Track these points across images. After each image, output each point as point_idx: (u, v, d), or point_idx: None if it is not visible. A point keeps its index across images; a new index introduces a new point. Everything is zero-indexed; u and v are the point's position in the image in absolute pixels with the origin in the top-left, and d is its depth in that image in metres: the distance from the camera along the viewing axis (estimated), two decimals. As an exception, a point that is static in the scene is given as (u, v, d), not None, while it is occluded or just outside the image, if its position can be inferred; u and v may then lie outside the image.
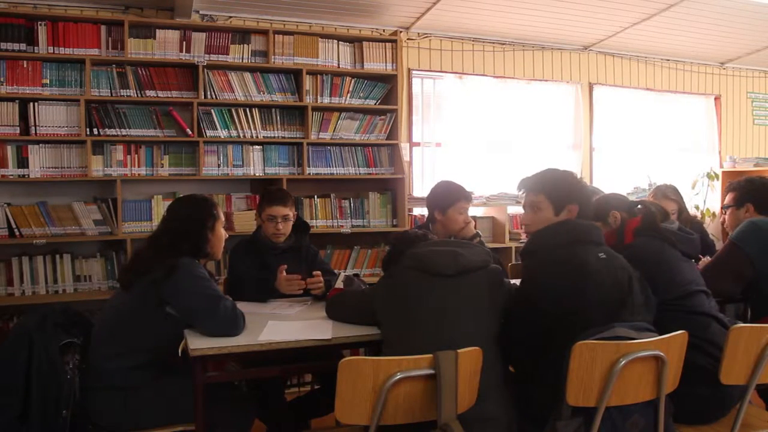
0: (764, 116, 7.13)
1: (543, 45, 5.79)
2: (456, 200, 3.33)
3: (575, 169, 5.98)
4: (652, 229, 2.55)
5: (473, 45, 5.51)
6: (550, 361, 1.97)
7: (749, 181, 3.26)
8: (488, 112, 5.59)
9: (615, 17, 5.26)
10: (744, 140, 6.91)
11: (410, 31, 5.21)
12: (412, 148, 5.21)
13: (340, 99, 4.61)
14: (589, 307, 2.06)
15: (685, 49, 6.25)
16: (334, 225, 4.54)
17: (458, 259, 2.20)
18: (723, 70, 6.80)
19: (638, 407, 1.98)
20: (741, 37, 5.96)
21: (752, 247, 2.88)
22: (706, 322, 2.40)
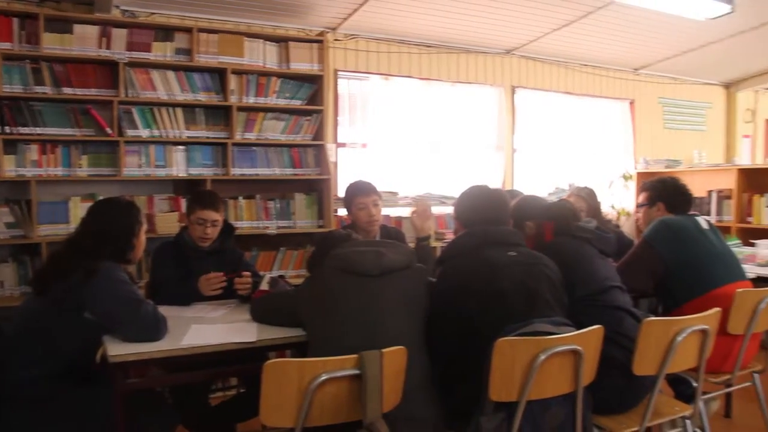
0: (674, 120, 7.50)
1: (467, 48, 5.90)
2: (354, 197, 3.42)
3: (498, 169, 6.13)
4: (567, 230, 2.65)
5: (399, 47, 5.57)
6: (473, 359, 2.02)
7: (660, 182, 3.41)
8: (414, 113, 5.67)
9: (536, 23, 5.42)
10: (656, 143, 7.24)
11: (337, 32, 5.21)
12: (338, 148, 5.21)
13: (265, 99, 4.56)
14: (498, 298, 2.15)
15: (602, 55, 6.51)
16: (260, 226, 4.50)
17: (382, 259, 2.22)
18: (637, 76, 7.12)
19: (557, 400, 2.05)
20: (653, 45, 6.25)
21: (663, 245, 3.02)
22: (620, 317, 2.50)
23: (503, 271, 2.21)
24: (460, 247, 2.36)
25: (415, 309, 2.24)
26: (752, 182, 5.65)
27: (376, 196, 3.52)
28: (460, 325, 2.18)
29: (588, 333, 2.03)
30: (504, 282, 2.19)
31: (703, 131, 7.84)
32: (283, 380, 1.79)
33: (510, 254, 2.28)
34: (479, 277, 2.20)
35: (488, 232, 2.37)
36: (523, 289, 2.20)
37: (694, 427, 2.64)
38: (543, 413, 2.02)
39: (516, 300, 2.17)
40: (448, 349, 2.22)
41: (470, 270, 2.24)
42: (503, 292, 2.17)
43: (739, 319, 2.81)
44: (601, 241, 2.68)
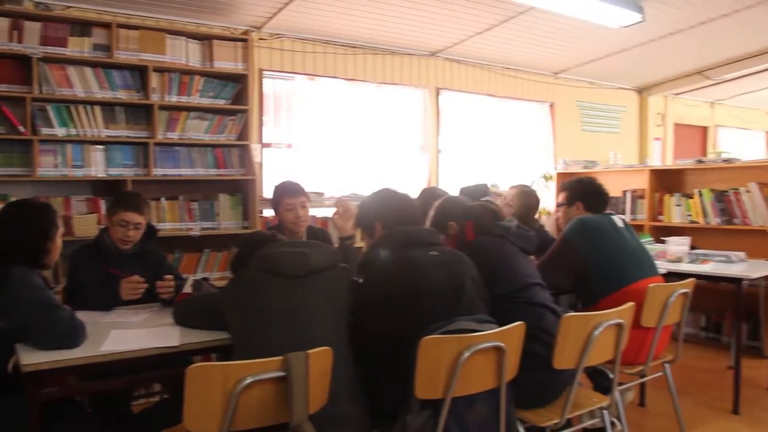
0: (591, 123, 7.79)
1: (393, 50, 5.95)
2: (281, 198, 3.41)
3: (423, 170, 6.21)
4: (488, 229, 2.71)
5: (325, 47, 5.56)
6: (399, 358, 2.04)
7: (579, 182, 3.53)
8: (340, 113, 5.67)
9: (460, 26, 5.53)
10: (574, 144, 7.50)
11: (262, 31, 5.16)
12: (263, 149, 5.16)
13: (188, 98, 4.46)
14: (424, 300, 2.18)
15: (523, 59, 6.69)
16: (183, 228, 4.40)
17: (307, 260, 2.21)
18: (556, 79, 7.35)
19: (481, 396, 2.09)
20: (571, 50, 6.48)
21: (581, 243, 3.13)
22: (541, 313, 2.57)
23: (428, 272, 2.23)
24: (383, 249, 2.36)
25: (340, 309, 2.24)
26: (663, 182, 5.92)
27: (304, 197, 3.50)
28: (386, 325, 2.20)
29: (510, 329, 2.09)
30: (429, 282, 2.21)
31: (618, 134, 8.18)
32: (207, 385, 1.75)
33: (432, 254, 2.30)
34: (405, 279, 2.22)
35: (410, 233, 2.39)
36: (448, 288, 2.24)
37: (611, 417, 2.76)
38: (468, 409, 2.06)
39: (441, 300, 2.20)
40: (374, 349, 2.24)
41: (396, 271, 2.25)
42: (429, 292, 2.20)
43: (651, 313, 2.95)
44: (522, 239, 2.75)
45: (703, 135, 9.64)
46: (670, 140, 8.89)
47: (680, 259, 4.25)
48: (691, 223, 5.55)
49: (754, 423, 3.67)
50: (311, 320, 2.13)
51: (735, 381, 3.80)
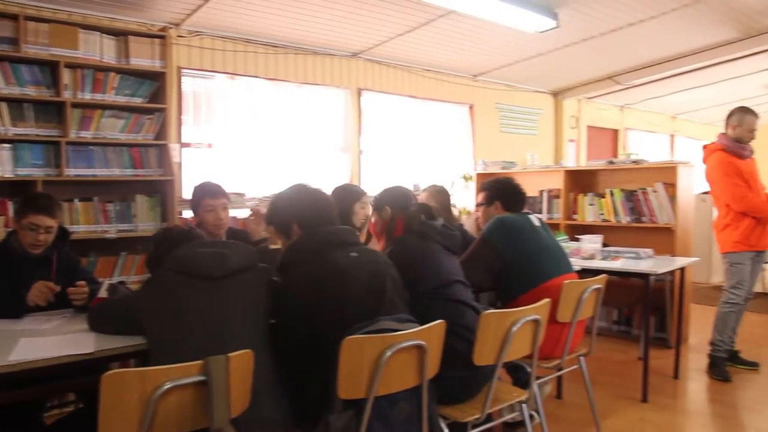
0: (509, 125, 8.00)
1: (315, 50, 5.93)
2: (202, 199, 3.35)
3: (345, 170, 6.22)
4: (416, 226, 2.75)
5: (246, 46, 5.48)
6: (321, 359, 2.04)
7: (497, 182, 3.61)
8: (261, 113, 5.61)
9: (381, 28, 5.56)
10: (493, 145, 7.68)
11: (180, 28, 5.04)
12: (182, 148, 5.04)
13: (103, 95, 4.30)
14: (348, 302, 2.18)
15: (443, 61, 6.80)
16: (98, 230, 4.24)
17: (224, 261, 2.15)
18: (475, 82, 7.51)
19: (404, 394, 2.11)
20: (489, 53, 6.64)
21: (499, 241, 3.21)
22: (462, 310, 2.63)
23: (350, 274, 2.23)
24: (303, 252, 2.32)
25: (260, 310, 2.20)
26: (577, 183, 6.14)
27: (225, 199, 3.45)
28: (309, 327, 2.18)
29: (431, 328, 2.12)
30: (352, 285, 2.21)
31: (535, 135, 8.44)
32: (123, 392, 1.69)
33: (352, 255, 2.30)
34: (327, 281, 2.20)
35: (329, 234, 2.36)
36: (370, 289, 2.24)
37: (530, 410, 2.84)
38: (391, 408, 2.08)
39: (364, 301, 2.21)
40: (297, 351, 2.23)
41: (317, 274, 2.23)
42: (352, 295, 2.20)
43: (566, 308, 3.06)
44: (447, 238, 2.80)
45: (614, 137, 10.09)
46: (583, 142, 9.25)
47: (593, 257, 4.42)
48: (603, 222, 5.78)
49: (661, 409, 3.86)
50: (229, 322, 2.08)
51: (644, 371, 3.99)
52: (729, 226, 4.50)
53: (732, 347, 4.68)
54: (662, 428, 3.59)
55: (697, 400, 4.17)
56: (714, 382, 4.44)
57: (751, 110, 4.53)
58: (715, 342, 4.59)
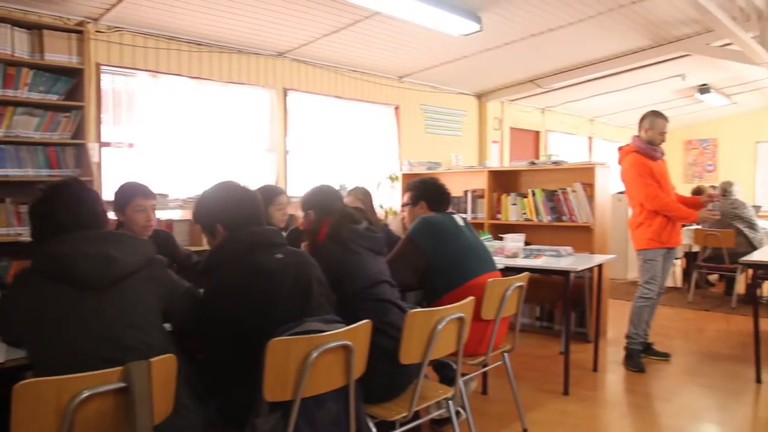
0: (434, 126, 8.11)
1: (240, 48, 5.85)
2: (132, 198, 3.24)
3: (271, 171, 6.16)
4: (339, 235, 2.74)
5: (169, 43, 5.36)
6: (248, 362, 2.01)
7: (422, 182, 3.65)
8: (185, 112, 5.49)
9: (307, 28, 5.54)
10: (419, 146, 7.77)
11: (99, 23, 4.87)
12: (101, 148, 4.88)
13: (15, 92, 4.11)
14: (275, 305, 2.16)
15: (369, 62, 6.83)
16: (11, 233, 4.05)
17: (111, 266, 1.90)
18: (401, 83, 7.58)
19: (331, 394, 2.11)
20: (415, 55, 6.71)
21: (424, 241, 3.25)
22: (388, 309, 2.67)
23: (276, 276, 2.21)
24: (229, 253, 2.27)
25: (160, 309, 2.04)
26: (500, 183, 6.28)
27: (154, 200, 3.35)
28: (235, 331, 2.14)
29: (357, 328, 2.12)
30: (278, 288, 2.19)
31: (460, 136, 8.59)
32: (38, 402, 1.61)
33: (278, 257, 2.27)
34: (252, 284, 2.18)
35: (255, 235, 2.31)
36: (296, 291, 2.23)
37: (456, 406, 2.89)
38: (318, 409, 2.07)
39: (290, 303, 2.20)
40: (222, 355, 2.19)
41: (242, 278, 2.19)
42: (278, 297, 2.18)
43: (490, 306, 3.12)
44: (371, 240, 2.82)
45: (536, 139, 10.38)
46: (506, 143, 9.48)
47: (516, 255, 4.52)
48: (525, 221, 5.93)
49: (581, 401, 4.00)
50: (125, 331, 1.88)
51: (565, 365, 4.12)
52: (642, 224, 4.71)
53: (646, 339, 4.90)
54: (583, 419, 3.71)
55: (614, 391, 4.34)
56: (630, 373, 4.63)
57: (662, 114, 4.75)
58: (631, 335, 4.79)
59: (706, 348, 5.27)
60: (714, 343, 5.45)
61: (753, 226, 7.14)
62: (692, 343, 5.48)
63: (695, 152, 13.44)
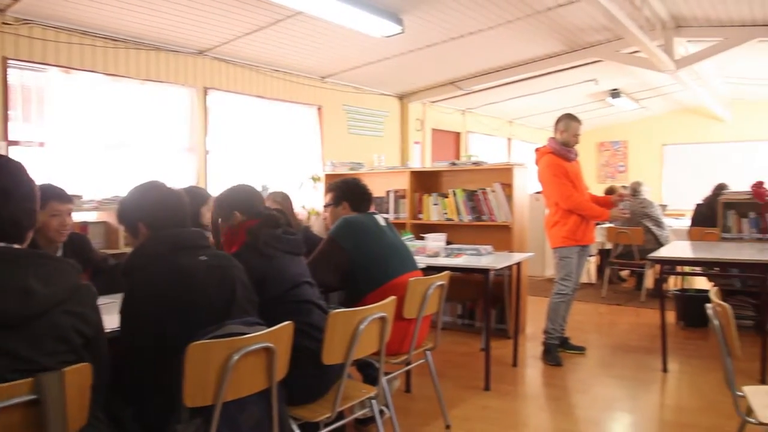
0: (356, 126, 8.14)
1: (158, 45, 5.70)
2: (48, 201, 3.09)
3: (190, 171, 6.03)
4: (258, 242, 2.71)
5: (82, 38, 5.16)
6: (168, 367, 1.97)
7: (345, 182, 3.66)
8: (100, 111, 5.30)
9: (228, 26, 5.46)
10: (341, 147, 7.78)
11: (6, 15, 4.63)
12: (8, 147, 4.66)
13: None
14: (197, 308, 2.12)
15: (292, 62, 6.79)
16: None
17: (29, 300, 1.61)
18: (324, 83, 7.57)
19: (253, 398, 2.08)
20: (337, 56, 6.71)
21: (346, 241, 3.26)
22: (309, 309, 2.66)
23: (198, 278, 2.16)
24: (150, 255, 2.20)
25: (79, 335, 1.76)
26: (422, 183, 6.36)
27: (71, 204, 3.22)
28: (155, 333, 2.08)
29: (279, 330, 2.10)
30: (200, 290, 2.15)
31: (382, 137, 8.65)
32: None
33: (201, 258, 2.23)
34: (174, 287, 2.12)
35: (178, 236, 2.26)
36: (219, 294, 2.20)
37: (380, 405, 2.92)
38: (240, 413, 2.05)
39: (213, 306, 2.16)
40: (143, 359, 2.13)
41: (164, 280, 2.14)
42: (200, 300, 2.14)
43: (412, 305, 3.17)
44: (287, 243, 2.80)
45: (457, 140, 10.57)
46: (428, 144, 9.61)
47: (437, 254, 4.60)
48: (447, 221, 6.03)
49: (502, 396, 4.11)
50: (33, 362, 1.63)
51: (486, 361, 4.22)
52: (558, 223, 4.88)
53: (563, 334, 5.07)
54: (503, 414, 3.81)
55: (533, 385, 4.48)
56: (548, 367, 4.79)
57: (576, 117, 4.94)
58: (548, 330, 4.95)
59: (618, 341, 5.52)
60: (625, 335, 5.71)
61: (660, 224, 7.52)
62: (605, 336, 5.72)
63: (607, 154, 14.02)
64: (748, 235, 5.83)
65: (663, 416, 3.82)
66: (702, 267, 5.41)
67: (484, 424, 3.63)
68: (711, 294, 2.64)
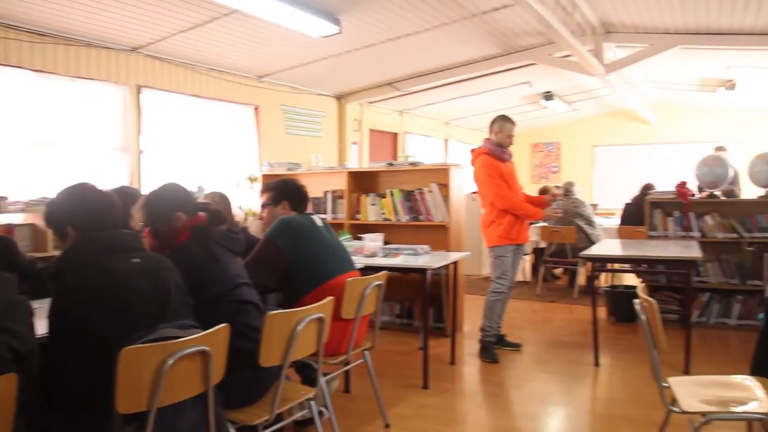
0: (294, 126, 8.10)
1: (89, 41, 5.53)
2: None
3: (124, 171, 5.88)
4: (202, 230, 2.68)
5: (6, 32, 4.95)
6: (99, 373, 1.91)
7: (284, 182, 3.64)
8: (26, 109, 5.10)
9: (162, 23, 5.34)
10: (279, 147, 7.73)
11: None
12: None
13: None
14: (129, 312, 2.06)
15: (228, 61, 6.70)
16: None
17: None
18: (261, 83, 7.49)
19: (189, 402, 2.05)
20: (274, 55, 6.66)
21: (283, 242, 3.25)
22: (248, 310, 2.64)
23: (131, 282, 2.10)
24: (80, 258, 2.13)
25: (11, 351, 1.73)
26: (360, 184, 6.38)
27: None
28: (86, 341, 2.01)
29: (215, 332, 2.08)
30: (133, 293, 2.09)
31: (320, 137, 8.63)
32: None
33: (134, 261, 2.17)
34: (106, 291, 2.06)
35: (110, 239, 2.19)
36: (153, 298, 2.14)
37: (318, 406, 2.92)
38: (176, 418, 2.01)
39: (146, 310, 2.10)
40: (73, 366, 2.06)
41: (95, 283, 2.07)
42: (133, 303, 2.08)
43: (350, 305, 3.18)
44: (231, 241, 2.78)
45: (394, 140, 10.64)
46: (366, 144, 9.64)
47: (375, 254, 4.62)
48: (384, 221, 6.06)
49: (440, 394, 4.16)
50: None
51: (424, 360, 4.27)
52: (493, 222, 4.97)
53: (499, 331, 5.18)
54: (442, 411, 3.86)
55: (471, 383, 4.55)
56: (485, 364, 4.87)
57: (510, 119, 5.05)
58: (485, 328, 5.05)
59: (553, 337, 5.67)
60: (559, 331, 5.87)
61: (591, 223, 7.76)
62: (540, 333, 5.87)
63: (541, 155, 14.37)
64: (673, 233, 6.08)
65: (595, 409, 3.95)
66: (630, 264, 5.60)
67: (422, 422, 3.67)
68: (638, 290, 2.75)
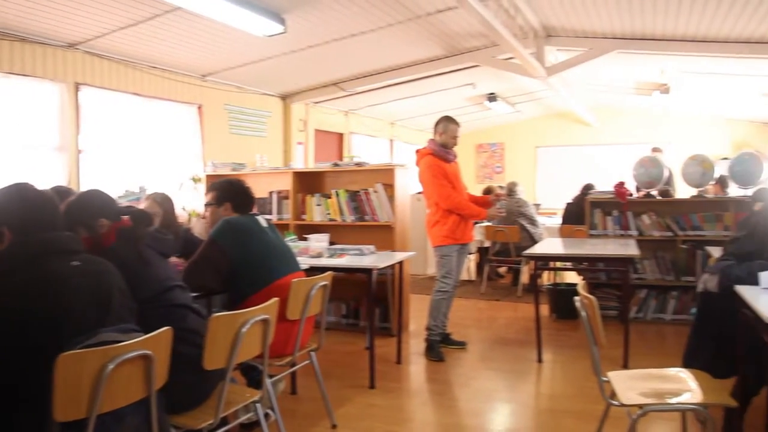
0: (238, 126, 8.01)
1: (24, 36, 5.33)
2: None
3: (62, 171, 5.71)
4: (129, 233, 2.61)
5: (-69, 27, 4.75)
6: (35, 380, 1.85)
7: (228, 182, 3.60)
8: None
9: (101, 18, 5.20)
10: (223, 147, 7.63)
11: None
12: None
13: None
14: (68, 316, 1.99)
15: (171, 59, 6.58)
16: None
17: None
18: (204, 82, 7.38)
19: (131, 408, 2.00)
20: (218, 54, 6.57)
21: (227, 243, 3.22)
22: (184, 314, 2.59)
23: (70, 285, 2.03)
24: (16, 259, 2.04)
25: None
26: (305, 184, 6.35)
27: None
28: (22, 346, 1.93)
29: (156, 336, 2.04)
30: (72, 297, 2.02)
31: (265, 137, 8.56)
32: None
33: (74, 264, 2.11)
34: (42, 295, 1.98)
35: (47, 240, 2.12)
36: (94, 301, 2.07)
37: (264, 409, 2.90)
38: (118, 424, 1.97)
39: (86, 314, 2.03)
40: (8, 373, 1.98)
41: (31, 287, 1.99)
42: (72, 307, 2.00)
43: (295, 306, 3.17)
44: (160, 242, 2.72)
45: (340, 141, 10.63)
46: (311, 145, 9.60)
47: (320, 255, 4.61)
48: (330, 221, 6.05)
49: (387, 393, 4.19)
50: None
51: (370, 360, 4.29)
52: (438, 222, 5.03)
53: (445, 330, 5.23)
54: (389, 410, 3.89)
55: (417, 381, 4.59)
56: (431, 363, 4.92)
57: (454, 120, 5.11)
58: (430, 327, 5.10)
59: (497, 334, 5.77)
60: (503, 329, 5.98)
61: (534, 222, 7.93)
62: (485, 331, 5.96)
63: (485, 155, 14.57)
64: (612, 231, 6.26)
65: (539, 404, 4.04)
66: (572, 262, 5.74)
67: (370, 422, 3.69)
68: (579, 287, 2.83)
